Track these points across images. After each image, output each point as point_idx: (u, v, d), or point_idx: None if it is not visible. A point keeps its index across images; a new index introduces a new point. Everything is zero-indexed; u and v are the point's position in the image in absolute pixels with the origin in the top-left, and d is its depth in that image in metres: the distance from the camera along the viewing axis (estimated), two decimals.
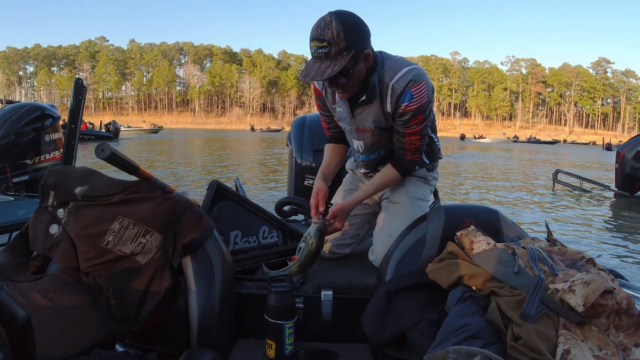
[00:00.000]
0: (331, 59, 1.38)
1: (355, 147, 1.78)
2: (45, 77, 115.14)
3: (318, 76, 1.39)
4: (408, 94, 1.48)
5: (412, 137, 1.59)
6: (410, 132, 1.57)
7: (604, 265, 1.24)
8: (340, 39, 1.36)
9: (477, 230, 1.34)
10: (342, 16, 1.38)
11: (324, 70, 1.39)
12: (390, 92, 1.51)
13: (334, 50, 1.37)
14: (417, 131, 1.57)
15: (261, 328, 1.42)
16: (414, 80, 1.47)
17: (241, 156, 19.20)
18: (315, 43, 1.38)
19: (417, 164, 1.70)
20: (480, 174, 14.20)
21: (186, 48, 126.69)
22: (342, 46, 1.37)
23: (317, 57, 1.40)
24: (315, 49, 1.39)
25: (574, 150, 41.80)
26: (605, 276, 1.12)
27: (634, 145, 8.63)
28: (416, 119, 1.53)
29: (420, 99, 1.49)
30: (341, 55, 1.38)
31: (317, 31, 1.37)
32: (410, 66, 1.51)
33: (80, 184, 1.33)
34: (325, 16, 1.39)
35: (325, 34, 1.36)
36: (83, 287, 1.22)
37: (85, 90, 2.09)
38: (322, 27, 1.37)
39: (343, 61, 1.38)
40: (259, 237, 1.85)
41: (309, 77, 1.40)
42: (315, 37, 1.38)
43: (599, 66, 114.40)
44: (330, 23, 1.36)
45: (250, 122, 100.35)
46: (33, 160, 3.54)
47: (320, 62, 1.40)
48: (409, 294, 1.28)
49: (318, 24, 1.38)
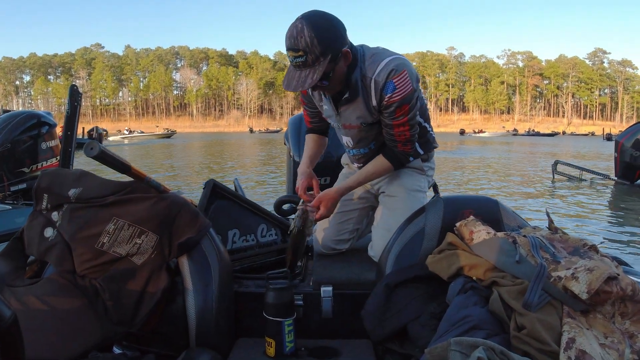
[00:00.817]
0: (309, 66, 1.37)
1: (345, 142, 1.77)
2: (42, 85, 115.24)
3: (299, 86, 1.39)
4: (390, 85, 1.46)
5: (400, 129, 1.56)
6: (397, 123, 1.55)
7: (607, 253, 1.22)
8: (314, 46, 1.34)
9: (477, 220, 1.32)
10: (313, 20, 1.35)
11: (305, 80, 1.38)
12: (373, 85, 1.49)
13: (310, 58, 1.35)
14: (405, 122, 1.54)
15: (261, 326, 1.40)
16: (395, 70, 1.45)
17: (241, 157, 19.19)
18: (291, 53, 1.37)
19: (409, 154, 1.67)
20: (481, 169, 14.19)
21: (182, 52, 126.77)
22: (318, 52, 1.35)
23: (296, 65, 1.39)
24: (292, 59, 1.38)
25: (574, 142, 41.79)
26: (609, 262, 1.10)
27: (633, 134, 8.62)
28: (402, 109, 1.50)
29: (403, 89, 1.46)
30: (318, 61, 1.36)
31: (291, 41, 1.35)
32: (390, 57, 1.48)
33: (74, 186, 1.31)
34: (296, 23, 1.35)
35: (299, 43, 1.34)
36: (79, 290, 1.20)
37: (80, 96, 2.08)
38: (294, 36, 1.34)
39: (321, 67, 1.37)
40: (258, 236, 1.84)
41: (291, 87, 1.40)
42: (290, 47, 1.36)
43: (596, 57, 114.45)
44: (302, 31, 1.33)
45: (249, 123, 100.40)
46: (30, 168, 3.54)
47: (300, 70, 1.39)
48: (409, 287, 1.27)
49: (290, 32, 1.36)
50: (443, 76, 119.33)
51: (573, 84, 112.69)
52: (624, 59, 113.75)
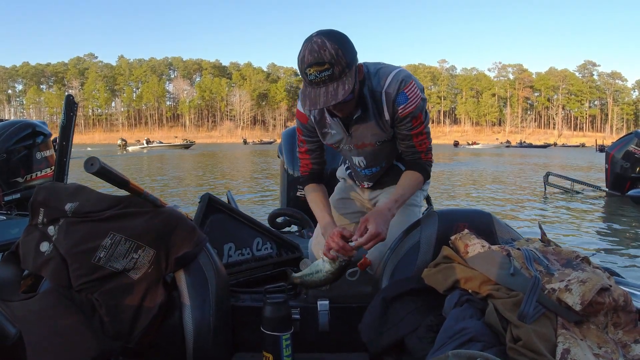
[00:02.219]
0: (336, 79, 1.31)
1: (356, 163, 1.72)
2: (35, 95, 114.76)
3: (332, 100, 1.30)
4: (402, 95, 1.45)
5: (420, 138, 1.55)
6: (416, 132, 1.53)
7: (599, 264, 1.24)
8: (340, 57, 1.29)
9: (471, 233, 1.34)
10: (332, 35, 1.32)
11: (336, 93, 1.31)
12: (385, 99, 1.47)
13: (337, 70, 1.30)
14: (422, 130, 1.54)
15: (258, 341, 1.40)
16: (404, 81, 1.45)
17: (236, 169, 19.15)
18: (315, 68, 1.29)
19: (432, 164, 1.65)
20: (475, 181, 14.25)
21: (175, 63, 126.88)
22: (344, 64, 1.30)
23: (321, 81, 1.31)
24: (316, 75, 1.30)
25: (566, 153, 42.13)
26: (601, 274, 1.12)
27: (623, 145, 8.71)
28: (418, 119, 1.50)
29: (415, 99, 1.46)
30: (345, 73, 1.32)
31: (314, 55, 1.29)
32: (395, 70, 1.48)
33: (71, 200, 1.31)
34: (314, 39, 1.30)
35: (324, 56, 1.28)
36: (75, 305, 1.20)
37: (76, 106, 2.07)
38: (316, 50, 1.28)
39: (351, 78, 1.32)
40: (253, 249, 1.84)
41: (320, 104, 1.32)
42: (314, 62, 1.29)
43: (585, 69, 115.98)
44: (324, 44, 1.28)
45: (242, 135, 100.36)
46: (24, 178, 3.50)
47: (325, 85, 1.32)
48: (406, 300, 1.28)
49: (310, 48, 1.29)
50: (435, 88, 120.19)
51: (563, 96, 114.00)
52: (614, 71, 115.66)
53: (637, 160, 8.47)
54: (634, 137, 8.71)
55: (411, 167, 1.61)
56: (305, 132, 1.66)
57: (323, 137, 1.64)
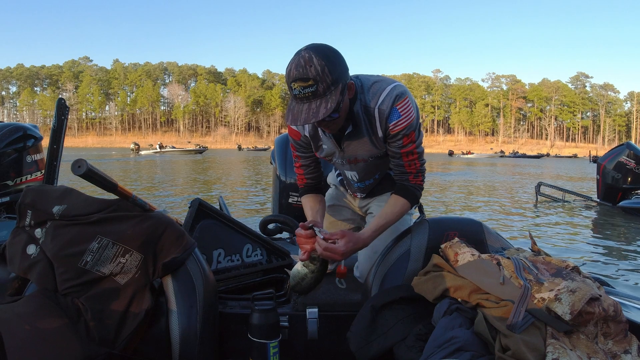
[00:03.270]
0: (320, 97, 1.27)
1: (349, 177, 1.71)
2: (28, 97, 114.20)
3: (312, 118, 1.26)
4: (395, 112, 1.41)
5: (409, 157, 1.49)
6: (406, 151, 1.48)
7: (589, 274, 1.24)
8: (325, 74, 1.25)
9: (462, 242, 1.34)
10: (320, 50, 1.27)
11: (317, 111, 1.27)
12: (377, 115, 1.43)
13: (321, 87, 1.26)
14: (413, 150, 1.48)
15: (245, 348, 1.39)
16: (398, 97, 1.40)
17: (229, 174, 19.10)
18: (299, 83, 1.26)
19: (422, 188, 1.56)
20: (467, 190, 14.30)
21: (170, 68, 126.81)
22: (330, 81, 1.26)
23: (304, 97, 1.28)
24: (300, 90, 1.27)
25: (560, 164, 42.39)
26: (591, 284, 1.12)
27: (614, 157, 8.79)
28: (409, 137, 1.45)
29: (408, 116, 1.42)
30: (330, 91, 1.27)
31: (299, 70, 1.25)
32: (391, 85, 1.43)
33: (58, 203, 1.30)
34: (301, 53, 1.27)
35: (308, 72, 1.24)
36: (61, 309, 1.18)
37: (68, 110, 2.06)
38: (302, 65, 1.25)
39: (334, 97, 1.28)
40: (243, 256, 1.83)
41: (301, 120, 1.28)
42: (298, 77, 1.25)
43: (578, 81, 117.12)
44: (311, 60, 1.24)
45: (236, 141, 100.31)
46: (14, 181, 3.46)
47: (309, 102, 1.28)
48: (395, 308, 1.27)
49: (297, 62, 1.26)
50: (429, 98, 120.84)
51: (556, 107, 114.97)
52: (606, 82, 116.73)
53: (628, 172, 8.54)
54: (625, 148, 8.80)
55: (398, 192, 1.55)
56: (299, 148, 1.64)
57: (317, 149, 1.61)
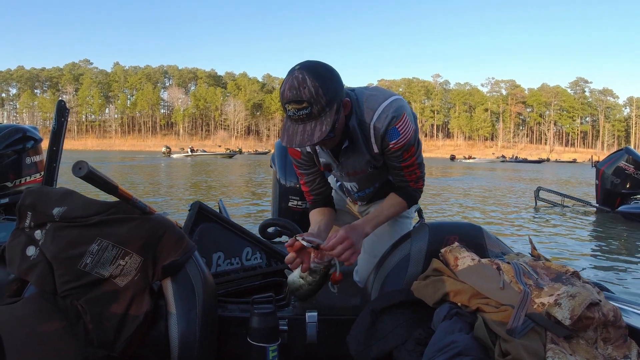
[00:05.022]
0: (314, 118, 1.26)
1: (349, 187, 1.72)
2: (28, 99, 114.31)
3: (307, 141, 1.26)
4: (393, 132, 1.39)
5: (409, 169, 1.51)
6: (406, 165, 1.50)
7: (589, 279, 1.24)
8: (319, 95, 1.23)
9: (462, 246, 1.34)
10: (314, 70, 1.25)
11: (312, 133, 1.26)
12: (373, 132, 1.41)
13: (316, 109, 1.24)
14: (413, 162, 1.50)
15: (244, 352, 1.38)
16: (396, 117, 1.38)
17: (228, 178, 19.10)
18: (293, 106, 1.24)
19: (421, 190, 1.61)
20: (467, 195, 14.31)
21: (171, 71, 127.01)
22: (324, 102, 1.24)
23: (299, 119, 1.27)
24: (294, 112, 1.25)
25: (561, 169, 42.44)
26: (591, 289, 1.12)
27: (613, 162, 8.79)
28: (409, 152, 1.46)
29: (406, 134, 1.40)
30: (324, 112, 1.26)
31: (292, 92, 1.23)
32: (387, 100, 1.40)
33: (58, 204, 1.29)
34: (295, 74, 1.24)
35: (302, 94, 1.22)
36: (60, 311, 1.18)
37: (67, 112, 2.06)
38: (296, 87, 1.23)
39: (329, 118, 1.26)
40: (242, 259, 1.82)
41: (296, 142, 1.27)
42: (292, 100, 1.24)
43: (577, 86, 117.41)
44: (304, 81, 1.22)
45: (236, 144, 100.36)
46: (14, 182, 3.47)
47: (303, 123, 1.27)
48: (395, 312, 1.27)
49: (290, 84, 1.24)
50: (428, 102, 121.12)
51: (555, 112, 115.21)
52: (605, 88, 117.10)
53: (627, 177, 8.55)
54: (624, 153, 8.80)
55: (397, 191, 1.58)
56: (301, 166, 1.63)
57: (318, 164, 1.61)
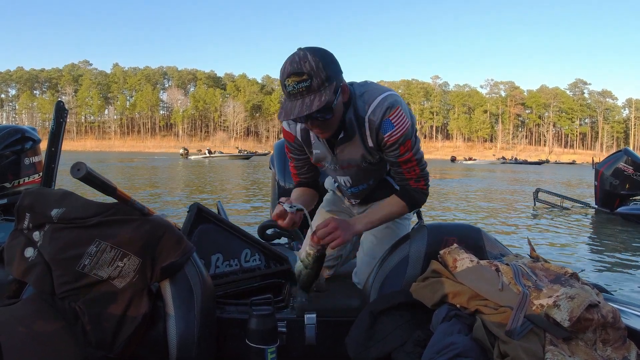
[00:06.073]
0: (314, 91, 1.28)
1: (342, 182, 1.71)
2: (28, 100, 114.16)
3: (305, 110, 1.26)
4: (387, 123, 1.40)
5: (408, 165, 1.48)
6: (403, 160, 1.47)
7: (588, 280, 1.24)
8: (320, 69, 1.27)
9: (460, 248, 1.34)
10: (315, 50, 1.30)
11: (311, 104, 1.27)
12: (367, 125, 1.43)
13: (315, 82, 1.27)
14: (411, 157, 1.47)
15: (243, 354, 1.38)
16: (390, 108, 1.39)
17: (227, 179, 19.09)
18: (293, 78, 1.27)
19: (425, 192, 1.55)
20: (466, 196, 14.31)
21: (170, 72, 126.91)
22: (324, 77, 1.27)
23: (298, 93, 1.28)
24: (294, 85, 1.28)
25: (562, 170, 42.50)
26: (590, 290, 1.12)
27: (612, 163, 8.82)
28: (405, 146, 1.44)
29: (402, 126, 1.41)
30: (324, 86, 1.28)
31: (294, 66, 1.27)
32: (382, 94, 1.42)
33: (57, 206, 1.29)
34: (296, 52, 1.30)
35: (303, 67, 1.26)
36: (58, 312, 1.18)
37: (66, 113, 2.06)
38: (297, 61, 1.27)
39: (328, 91, 1.28)
40: (241, 261, 1.82)
41: (294, 114, 1.28)
42: (293, 72, 1.27)
43: (576, 87, 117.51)
44: (305, 56, 1.27)
45: (235, 145, 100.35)
46: (12, 183, 3.47)
47: (302, 97, 1.29)
48: (394, 314, 1.27)
49: (292, 59, 1.29)
50: (428, 104, 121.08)
51: (554, 113, 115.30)
52: (604, 89, 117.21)
53: (626, 178, 8.57)
54: (623, 154, 8.83)
55: (399, 194, 1.55)
56: (293, 150, 1.66)
57: (310, 155, 1.62)
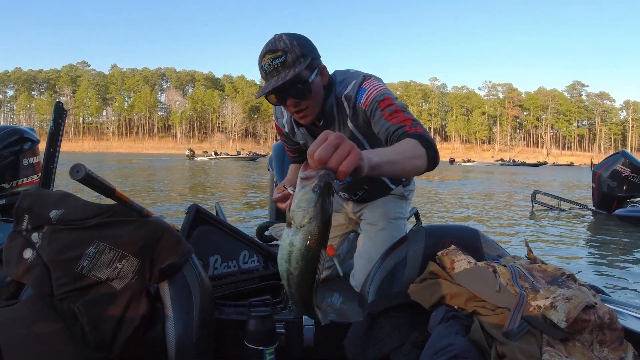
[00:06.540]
0: (289, 66, 1.32)
1: None
2: (25, 101, 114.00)
3: (280, 81, 1.30)
4: (361, 91, 1.44)
5: (394, 115, 1.36)
6: (387, 113, 1.37)
7: (585, 281, 1.25)
8: (295, 46, 1.32)
9: (458, 249, 1.34)
10: (292, 33, 1.36)
11: (285, 76, 1.31)
12: (345, 102, 1.47)
13: (290, 57, 1.32)
14: (395, 109, 1.37)
15: (241, 355, 1.38)
16: (364, 79, 1.45)
17: (226, 180, 19.07)
18: (268, 56, 1.33)
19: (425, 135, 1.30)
20: (463, 198, 14.32)
21: (168, 73, 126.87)
22: (298, 52, 1.32)
23: (274, 69, 1.33)
24: (270, 62, 1.32)
25: (560, 172, 42.55)
26: (587, 291, 1.12)
27: (610, 165, 8.82)
28: (384, 101, 1.39)
29: (375, 88, 1.43)
30: (299, 61, 1.33)
31: (269, 46, 1.33)
32: (360, 76, 1.48)
33: (56, 207, 1.29)
34: (274, 36, 1.37)
35: (278, 45, 1.32)
36: (57, 314, 1.18)
37: (65, 114, 2.06)
38: (272, 41, 1.34)
39: (302, 66, 1.32)
40: (240, 262, 1.82)
41: (269, 87, 1.32)
42: (268, 50, 1.33)
43: (574, 89, 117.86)
44: (280, 37, 1.34)
45: (233, 146, 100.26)
46: (11, 184, 3.46)
47: (277, 74, 1.33)
48: (391, 315, 1.27)
49: (268, 41, 1.35)
50: (426, 106, 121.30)
51: (552, 115, 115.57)
52: (602, 91, 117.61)
53: (623, 180, 8.58)
54: (620, 156, 8.84)
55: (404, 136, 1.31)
56: (286, 141, 1.77)
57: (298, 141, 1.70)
